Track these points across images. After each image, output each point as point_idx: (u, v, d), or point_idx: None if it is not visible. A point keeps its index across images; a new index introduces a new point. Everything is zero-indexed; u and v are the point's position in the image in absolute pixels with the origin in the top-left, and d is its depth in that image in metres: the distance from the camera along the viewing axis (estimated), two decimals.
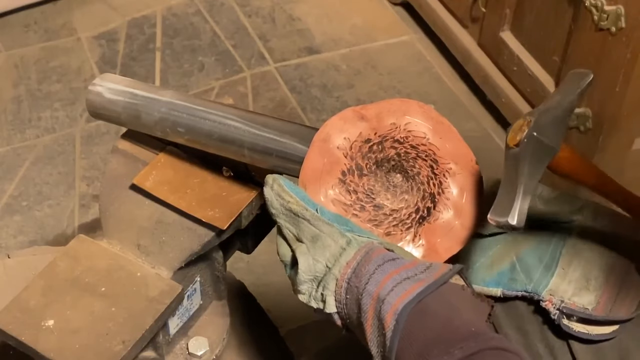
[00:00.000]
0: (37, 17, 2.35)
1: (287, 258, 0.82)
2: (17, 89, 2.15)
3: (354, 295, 0.75)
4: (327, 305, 0.78)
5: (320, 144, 0.86)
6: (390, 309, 0.71)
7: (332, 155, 0.86)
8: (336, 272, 0.77)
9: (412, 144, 0.87)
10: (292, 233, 0.82)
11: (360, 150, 0.86)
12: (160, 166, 1.04)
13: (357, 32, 2.35)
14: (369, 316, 0.73)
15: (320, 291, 0.78)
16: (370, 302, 0.73)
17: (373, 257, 0.76)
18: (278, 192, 0.82)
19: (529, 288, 0.90)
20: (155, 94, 1.02)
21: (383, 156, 0.87)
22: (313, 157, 0.86)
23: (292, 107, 2.13)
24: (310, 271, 0.79)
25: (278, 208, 0.82)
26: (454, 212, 0.87)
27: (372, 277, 0.74)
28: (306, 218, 0.80)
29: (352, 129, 0.87)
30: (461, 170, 0.88)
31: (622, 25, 1.57)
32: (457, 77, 2.22)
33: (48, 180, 1.94)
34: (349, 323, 0.78)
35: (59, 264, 0.99)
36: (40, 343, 0.91)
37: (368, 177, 0.86)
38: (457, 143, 0.89)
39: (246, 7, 2.41)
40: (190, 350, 1.06)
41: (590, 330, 0.88)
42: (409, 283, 0.73)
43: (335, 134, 0.87)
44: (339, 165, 0.86)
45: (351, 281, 0.76)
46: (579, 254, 0.90)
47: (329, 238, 0.79)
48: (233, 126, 0.95)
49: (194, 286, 1.05)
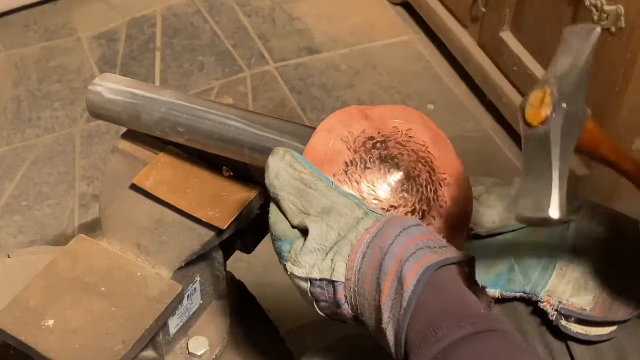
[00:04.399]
0: (37, 17, 2.35)
1: (287, 233, 0.79)
2: (17, 89, 2.15)
3: (374, 258, 0.73)
4: (335, 273, 0.75)
5: (324, 134, 0.87)
6: (411, 270, 0.70)
7: (335, 146, 0.87)
8: (352, 237, 0.75)
9: (414, 149, 0.88)
10: (298, 206, 0.78)
11: (364, 145, 0.87)
12: (160, 166, 1.04)
13: (357, 32, 2.35)
14: (389, 277, 0.71)
15: (331, 257, 0.75)
16: (393, 264, 0.71)
17: (398, 221, 0.75)
18: (290, 162, 0.79)
19: (528, 289, 0.90)
20: (155, 94, 1.02)
21: (387, 154, 0.88)
22: (316, 145, 0.86)
23: (292, 107, 2.13)
24: (322, 238, 0.76)
25: (285, 179, 0.79)
26: (445, 221, 0.88)
27: (397, 238, 0.72)
28: (319, 189, 0.78)
29: (356, 124, 0.88)
30: (454, 183, 0.89)
31: (622, 25, 1.57)
32: (457, 77, 2.22)
33: (48, 180, 1.94)
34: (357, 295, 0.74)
35: (59, 264, 0.99)
36: (40, 343, 0.91)
37: (371, 170, 0.87)
38: (452, 157, 0.90)
39: (246, 7, 2.41)
40: (190, 350, 1.06)
41: (589, 331, 0.88)
42: (429, 252, 0.72)
43: (339, 126, 0.87)
44: (342, 156, 0.86)
45: (372, 244, 0.73)
46: (577, 254, 0.90)
47: (344, 208, 0.77)
48: (233, 126, 0.95)
49: (194, 286, 1.05)
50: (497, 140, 2.04)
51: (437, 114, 2.14)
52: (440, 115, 2.13)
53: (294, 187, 0.78)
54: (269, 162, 0.80)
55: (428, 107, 2.15)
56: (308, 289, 0.77)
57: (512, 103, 1.96)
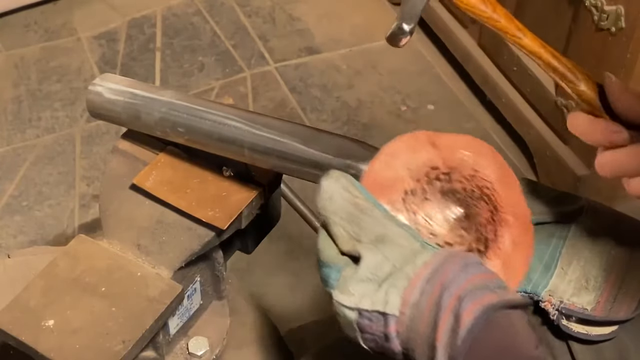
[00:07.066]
0: (37, 17, 2.35)
1: (336, 260, 0.76)
2: (17, 89, 2.15)
3: (434, 294, 0.71)
4: (388, 306, 0.72)
5: (387, 158, 0.83)
6: (468, 308, 0.69)
7: (397, 171, 0.83)
8: (409, 270, 0.72)
9: (478, 184, 0.84)
10: (349, 232, 0.75)
11: (427, 175, 0.83)
12: (160, 166, 1.04)
13: (357, 32, 2.35)
14: (445, 313, 0.69)
15: (385, 289, 0.72)
16: (450, 300, 0.69)
17: (459, 258, 0.73)
18: (345, 186, 0.76)
19: (528, 288, 0.89)
20: (155, 94, 1.02)
21: (449, 187, 0.84)
22: (377, 168, 0.83)
23: (292, 107, 2.13)
24: (376, 268, 0.73)
25: (339, 203, 0.76)
26: (502, 264, 0.84)
27: (457, 276, 0.71)
28: (374, 216, 0.75)
29: (422, 151, 0.84)
30: (517, 225, 0.85)
31: (622, 25, 1.57)
32: (457, 77, 2.22)
33: (48, 180, 1.94)
34: (410, 330, 0.72)
35: (59, 264, 0.99)
36: (40, 343, 0.91)
37: (431, 202, 0.83)
38: (518, 197, 0.86)
39: (246, 7, 2.41)
40: (190, 350, 1.06)
41: (590, 331, 0.88)
42: (486, 291, 0.71)
43: (404, 151, 0.84)
44: (402, 184, 0.83)
45: (432, 280, 0.71)
46: (578, 253, 0.90)
47: (401, 238, 0.74)
48: (233, 126, 0.95)
49: (194, 286, 1.05)
50: (497, 140, 2.04)
51: (437, 114, 2.14)
52: (440, 115, 2.14)
53: (347, 211, 0.75)
54: (323, 184, 0.77)
55: (428, 107, 2.15)
56: (354, 320, 0.74)
57: (512, 103, 1.96)
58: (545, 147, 1.86)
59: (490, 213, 0.84)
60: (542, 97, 1.86)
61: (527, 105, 1.93)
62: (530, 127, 1.91)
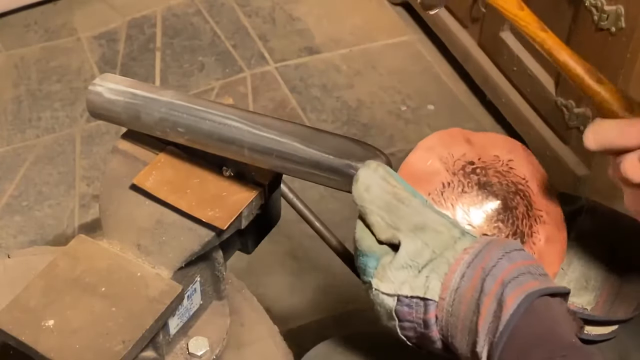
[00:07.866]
0: (37, 17, 2.35)
1: (374, 249, 0.76)
2: (17, 89, 2.15)
3: (475, 278, 0.70)
4: (428, 291, 0.72)
5: (424, 152, 0.85)
6: (512, 292, 0.68)
7: (434, 165, 0.84)
8: (449, 256, 0.72)
9: (513, 180, 0.86)
10: (386, 221, 0.75)
11: (463, 169, 0.85)
12: (160, 166, 1.04)
13: (357, 32, 2.35)
14: (488, 298, 0.69)
15: (425, 275, 0.72)
16: (494, 285, 0.69)
17: (500, 244, 0.73)
18: (384, 176, 0.76)
19: None
20: (155, 94, 1.02)
21: (486, 180, 0.85)
22: (414, 161, 0.84)
23: (292, 107, 2.13)
24: (415, 254, 0.73)
25: (376, 192, 0.76)
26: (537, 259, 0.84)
27: (499, 261, 0.70)
28: (412, 205, 0.75)
29: (458, 146, 0.85)
30: (551, 222, 0.86)
31: (622, 25, 1.57)
32: (457, 77, 2.22)
33: (48, 180, 1.94)
34: (450, 315, 0.72)
35: (59, 264, 0.99)
36: (40, 343, 0.91)
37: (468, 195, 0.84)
38: (551, 196, 0.87)
39: (246, 7, 2.41)
40: (190, 350, 1.06)
41: (590, 331, 0.88)
42: (529, 278, 0.70)
43: (440, 146, 0.85)
44: (439, 177, 0.84)
45: (473, 264, 0.71)
46: (578, 253, 0.90)
47: (440, 226, 0.74)
48: (233, 126, 0.95)
49: (194, 286, 1.05)
50: None
51: (437, 114, 2.14)
52: (440, 115, 2.14)
53: (384, 201, 0.75)
54: (360, 174, 0.77)
55: (428, 107, 2.16)
56: (393, 307, 0.74)
57: (512, 103, 1.96)
58: (545, 147, 1.86)
59: (526, 208, 0.85)
60: (542, 97, 1.86)
61: (527, 105, 1.93)
62: (530, 127, 1.91)
